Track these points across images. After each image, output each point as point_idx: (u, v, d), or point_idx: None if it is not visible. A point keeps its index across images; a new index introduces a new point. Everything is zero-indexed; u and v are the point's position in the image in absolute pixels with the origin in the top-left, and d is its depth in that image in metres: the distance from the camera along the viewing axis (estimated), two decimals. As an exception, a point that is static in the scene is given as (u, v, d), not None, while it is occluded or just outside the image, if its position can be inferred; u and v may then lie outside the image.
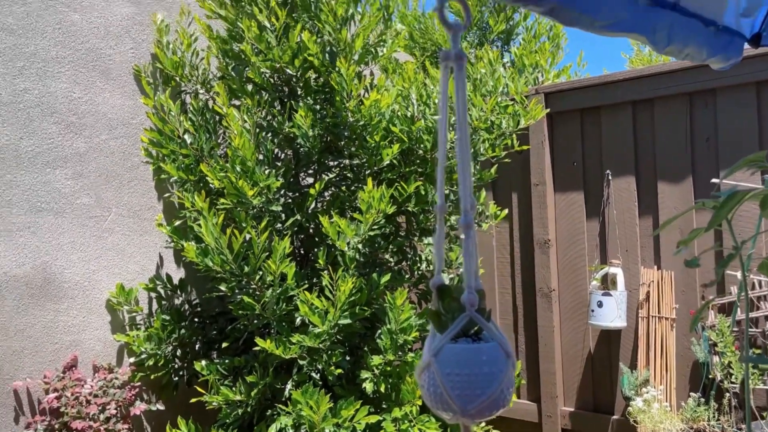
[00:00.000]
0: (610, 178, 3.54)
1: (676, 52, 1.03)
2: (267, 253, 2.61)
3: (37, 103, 2.82)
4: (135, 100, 3.19)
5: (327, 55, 2.90)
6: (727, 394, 3.04)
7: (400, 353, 2.70)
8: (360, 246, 2.73)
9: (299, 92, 3.07)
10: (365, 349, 2.86)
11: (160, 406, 2.94)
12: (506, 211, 3.23)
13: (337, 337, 2.69)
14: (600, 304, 3.33)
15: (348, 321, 2.59)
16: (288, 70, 2.90)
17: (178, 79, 3.17)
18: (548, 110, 3.47)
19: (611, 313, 3.30)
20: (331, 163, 3.17)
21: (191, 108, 3.05)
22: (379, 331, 2.78)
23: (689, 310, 3.27)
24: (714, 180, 3.16)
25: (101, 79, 3.07)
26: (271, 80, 3.02)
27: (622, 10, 0.90)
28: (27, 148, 2.78)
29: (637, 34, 0.94)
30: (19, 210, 2.74)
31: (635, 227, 3.47)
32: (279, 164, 3.01)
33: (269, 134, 2.94)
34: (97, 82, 3.05)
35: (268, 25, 2.84)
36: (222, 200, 2.69)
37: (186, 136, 2.94)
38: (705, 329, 3.11)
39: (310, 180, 3.22)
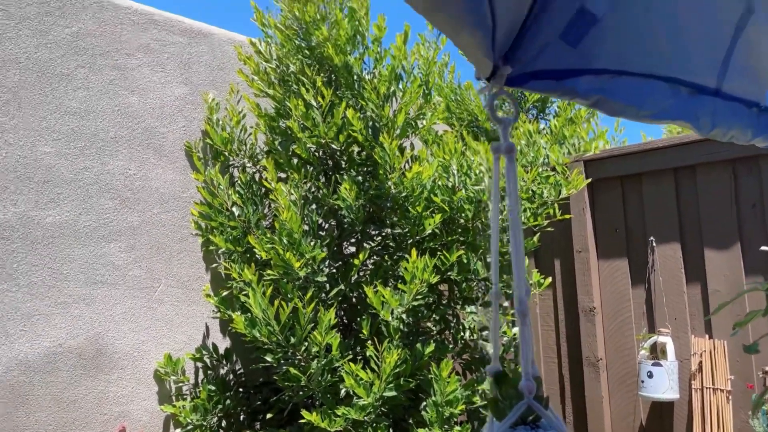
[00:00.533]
0: (654, 244, 3.50)
1: (721, 135, 1.06)
2: (312, 324, 2.64)
3: (95, 180, 2.97)
4: (186, 175, 3.33)
5: (370, 130, 3.00)
6: (792, 473, 2.88)
7: (446, 426, 2.66)
8: (404, 316, 2.75)
9: (343, 165, 3.16)
10: (410, 421, 2.82)
11: (205, 479, 2.93)
12: (550, 279, 3.21)
13: (382, 409, 2.67)
14: (650, 375, 3.24)
15: (393, 393, 2.57)
16: (333, 145, 3.01)
17: (226, 153, 3.30)
18: (589, 180, 3.48)
19: (662, 385, 3.20)
20: (374, 232, 3.22)
21: (239, 181, 3.17)
22: (424, 403, 2.75)
23: (746, 382, 3.15)
24: (763, 248, 3.10)
25: (155, 156, 3.22)
26: (317, 154, 3.13)
27: (665, 100, 0.94)
28: (85, 223, 2.91)
29: (682, 122, 0.98)
30: (76, 283, 2.84)
31: (683, 295, 3.40)
32: (323, 233, 3.07)
33: (314, 205, 3.03)
34: (151, 159, 3.20)
35: (314, 104, 2.97)
36: (269, 271, 2.75)
37: (234, 209, 3.04)
38: (765, 403, 2.98)
39: (353, 249, 3.27)
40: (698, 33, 0.95)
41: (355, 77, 3.07)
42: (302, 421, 2.59)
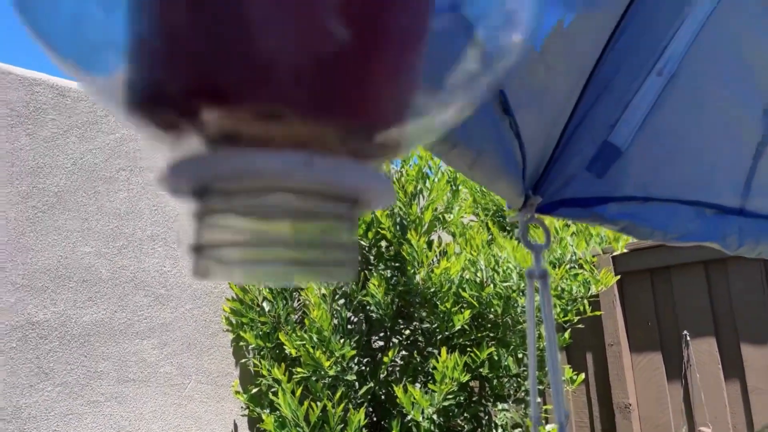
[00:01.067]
0: (688, 338, 3.43)
1: (749, 252, 1.09)
2: (342, 425, 2.61)
3: (131, 278, 3.05)
4: (218, 271, 3.40)
5: (398, 226, 3.07)
6: None
7: None
8: (434, 416, 2.70)
9: (372, 260, 3.21)
10: None
11: None
12: (583, 375, 3.15)
13: None
14: (693, 478, 3.10)
15: (425, 498, 2.49)
16: (362, 242, 3.07)
17: (258, 250, 3.38)
18: (618, 276, 3.47)
19: (707, 489, 3.05)
20: (402, 327, 3.22)
21: (270, 278, 3.23)
22: None
23: (795, 486, 2.99)
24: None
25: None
26: (346, 251, 3.19)
27: (690, 223, 0.97)
28: (120, 320, 2.97)
29: (709, 242, 1.01)
30: (108, 381, 2.87)
31: (722, 391, 3.29)
32: (351, 327, 3.08)
33: (342, 300, 3.05)
34: (185, 256, 3.29)
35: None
36: (298, 369, 2.75)
37: (264, 304, 3.08)
38: None
39: (382, 343, 3.27)
40: (720, 157, 1.00)
41: (384, 176, 3.17)
42: None
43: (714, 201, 1.00)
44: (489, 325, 3.05)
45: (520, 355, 3.01)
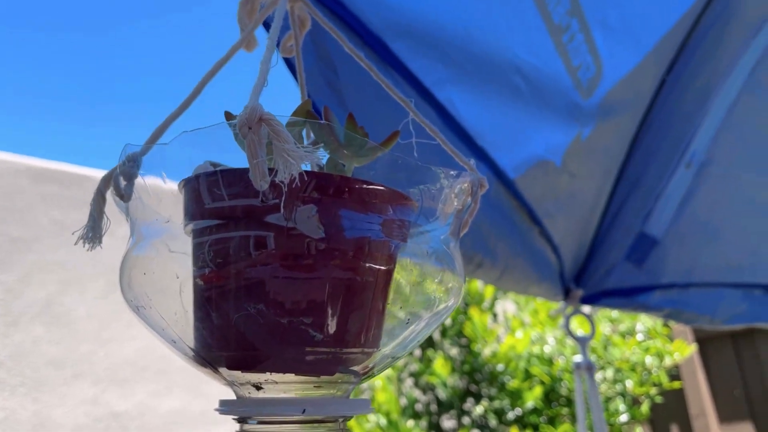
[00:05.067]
0: (780, 407, 3.22)
1: (806, 326, 1.06)
2: None
3: (206, 366, 3.16)
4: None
5: (461, 302, 3.08)
6: None
7: None
8: (511, 499, 2.61)
9: (436, 338, 3.21)
10: None
11: None
12: (666, 451, 2.99)
13: None
14: None
15: None
16: (425, 321, 3.09)
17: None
18: (693, 345, 3.33)
19: None
20: (473, 406, 3.16)
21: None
22: None
23: None
24: None
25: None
26: (410, 330, 3.21)
27: (738, 305, 0.97)
28: (195, 408, 3.06)
29: (760, 323, 1.00)
30: (186, 470, 2.93)
31: (825, 465, 3.05)
32: (420, 407, 3.06)
33: (410, 380, 3.05)
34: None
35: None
36: (369, 454, 2.74)
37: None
38: None
39: (451, 423, 3.21)
40: (762, 239, 1.00)
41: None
42: None
43: (761, 281, 1.00)
44: (561, 400, 2.96)
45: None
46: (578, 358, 2.50)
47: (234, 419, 0.30)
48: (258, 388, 0.28)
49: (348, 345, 0.27)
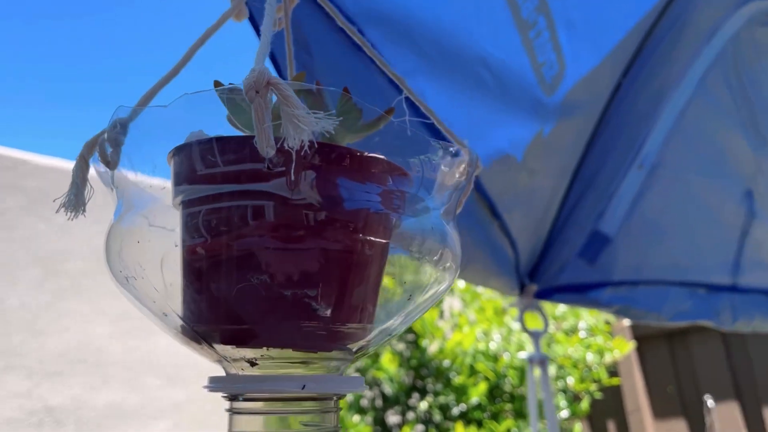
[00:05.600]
0: (709, 405, 3.37)
1: (744, 326, 1.11)
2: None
3: (142, 359, 3.08)
4: (232, 350, 3.42)
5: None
6: None
7: None
8: (453, 494, 2.65)
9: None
10: None
11: None
12: (603, 446, 3.09)
13: None
14: None
15: None
16: (373, 316, 3.09)
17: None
18: (633, 343, 3.45)
19: None
20: (418, 402, 3.19)
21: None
22: None
23: None
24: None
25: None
26: (358, 325, 3.21)
27: (683, 303, 1.01)
28: (132, 402, 2.98)
29: (703, 321, 1.04)
30: (123, 466, 2.85)
31: (749, 458, 3.20)
32: (365, 402, 3.06)
33: (355, 374, 3.05)
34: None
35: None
36: (313, 449, 2.72)
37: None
38: None
39: (396, 418, 3.23)
40: (706, 239, 1.04)
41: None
42: None
43: (705, 280, 1.04)
44: (505, 396, 3.02)
45: (540, 427, 2.97)
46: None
47: (223, 396, 0.29)
48: (252, 364, 0.27)
49: (349, 320, 0.26)
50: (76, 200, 0.27)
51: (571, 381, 2.93)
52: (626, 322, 3.64)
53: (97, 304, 3.00)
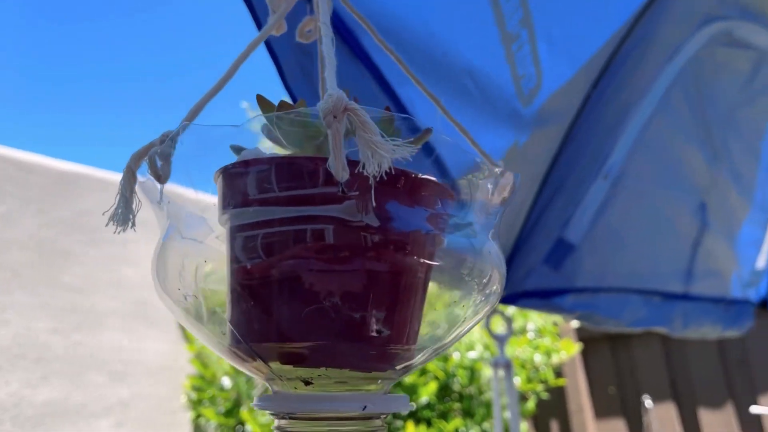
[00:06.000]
0: (647, 405, 3.50)
1: (693, 332, 1.17)
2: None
3: (88, 354, 2.98)
4: (178, 345, 3.35)
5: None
6: None
7: None
8: (401, 492, 2.67)
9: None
10: None
11: None
12: (547, 444, 3.17)
13: None
14: None
15: None
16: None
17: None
18: (579, 344, 3.55)
19: None
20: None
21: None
22: None
23: None
24: (753, 408, 3.13)
25: (146, 327, 3.26)
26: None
27: (640, 310, 1.05)
28: (75, 399, 2.88)
29: (657, 327, 1.08)
30: (63, 466, 2.76)
31: (683, 456, 3.35)
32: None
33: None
34: (141, 330, 3.24)
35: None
36: (262, 448, 2.69)
37: (225, 380, 3.04)
38: None
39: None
40: (662, 249, 1.08)
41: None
42: None
43: (660, 288, 1.08)
44: (454, 396, 3.06)
45: (486, 426, 3.01)
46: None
47: (270, 414, 0.29)
48: (307, 383, 0.27)
49: (403, 341, 0.27)
50: (124, 213, 0.26)
51: (518, 381, 3.00)
52: (573, 323, 3.74)
53: (40, 297, 2.90)
